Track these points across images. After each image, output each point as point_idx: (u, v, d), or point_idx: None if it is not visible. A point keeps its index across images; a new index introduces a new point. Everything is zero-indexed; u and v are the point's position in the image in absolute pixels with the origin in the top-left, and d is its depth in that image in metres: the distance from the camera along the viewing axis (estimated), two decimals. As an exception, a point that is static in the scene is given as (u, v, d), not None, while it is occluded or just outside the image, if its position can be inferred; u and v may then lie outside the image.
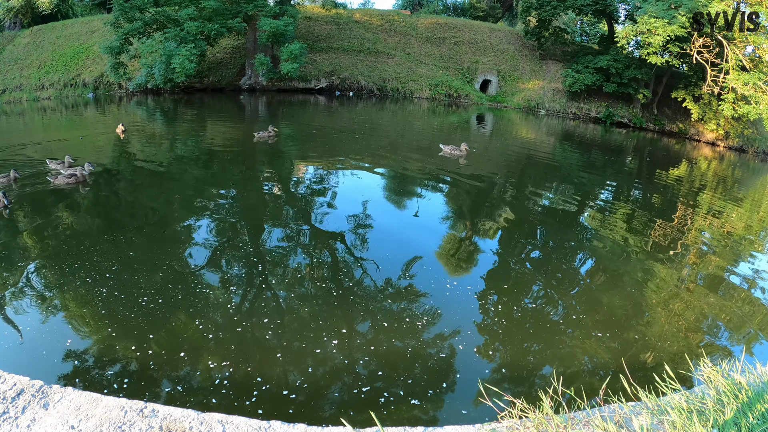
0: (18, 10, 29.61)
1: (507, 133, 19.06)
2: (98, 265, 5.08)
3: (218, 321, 4.21)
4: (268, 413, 3.15)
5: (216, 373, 3.54)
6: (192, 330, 4.03)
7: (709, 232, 8.28)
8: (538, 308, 4.91)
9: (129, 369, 3.55)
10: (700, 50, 19.38)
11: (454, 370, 3.85)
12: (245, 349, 3.85)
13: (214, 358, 3.71)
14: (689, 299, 5.47)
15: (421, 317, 4.52)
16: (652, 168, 14.33)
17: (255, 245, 6.06)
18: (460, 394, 3.58)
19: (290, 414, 3.19)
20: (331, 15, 29.60)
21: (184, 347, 3.80)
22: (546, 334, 4.38)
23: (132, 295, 4.51)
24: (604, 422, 2.26)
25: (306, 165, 10.58)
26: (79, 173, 7.99)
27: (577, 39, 36.96)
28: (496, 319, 4.63)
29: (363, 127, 16.23)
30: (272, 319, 4.30)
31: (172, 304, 4.41)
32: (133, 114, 17.93)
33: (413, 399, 3.45)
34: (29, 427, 2.23)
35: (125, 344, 3.80)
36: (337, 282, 5.13)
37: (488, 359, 4.05)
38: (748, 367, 2.70)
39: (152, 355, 3.68)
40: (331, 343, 3.99)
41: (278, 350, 3.86)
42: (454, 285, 5.23)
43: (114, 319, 4.13)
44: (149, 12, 20.51)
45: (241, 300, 4.65)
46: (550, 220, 8.12)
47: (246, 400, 3.30)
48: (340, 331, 4.20)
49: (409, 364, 3.82)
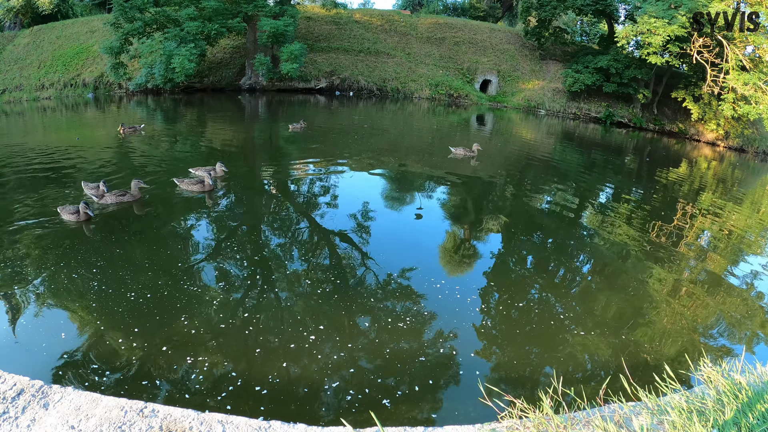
0: (18, 10, 29.63)
1: (507, 133, 19.05)
2: (97, 265, 5.08)
3: (218, 321, 4.21)
4: (268, 413, 3.15)
5: (216, 373, 3.54)
6: (192, 330, 4.03)
7: (709, 232, 8.27)
8: (539, 308, 4.91)
9: (129, 369, 3.55)
10: (700, 50, 19.37)
11: (454, 370, 3.85)
12: (245, 349, 3.85)
13: (213, 357, 3.71)
14: (689, 299, 5.47)
15: (422, 317, 4.52)
16: (652, 168, 14.33)
17: (254, 245, 6.06)
18: (460, 394, 3.58)
19: (290, 414, 3.19)
20: (331, 15, 29.60)
21: (184, 347, 3.80)
22: (546, 334, 4.38)
23: (132, 294, 4.50)
24: (604, 422, 2.26)
25: (306, 165, 10.57)
26: (205, 181, 7.70)
27: (577, 39, 36.96)
28: (497, 319, 4.63)
29: (362, 127, 16.22)
30: (272, 319, 4.30)
31: (173, 304, 4.41)
32: (132, 113, 17.93)
33: (413, 399, 3.44)
34: (29, 427, 2.23)
35: (125, 344, 3.80)
36: (337, 282, 5.13)
37: (488, 359, 4.05)
38: (748, 367, 2.70)
39: (153, 355, 3.68)
40: (332, 343, 3.99)
41: (278, 350, 3.86)
42: (454, 285, 5.23)
43: (113, 318, 4.13)
44: (149, 12, 20.51)
45: (241, 300, 4.65)
46: (550, 220, 8.13)
47: (246, 399, 3.30)
48: (340, 330, 4.19)
49: (409, 364, 3.82)
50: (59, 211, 6.37)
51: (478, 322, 4.51)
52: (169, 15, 20.73)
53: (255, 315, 4.37)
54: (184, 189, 7.80)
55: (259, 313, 4.40)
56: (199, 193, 7.71)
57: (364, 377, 3.63)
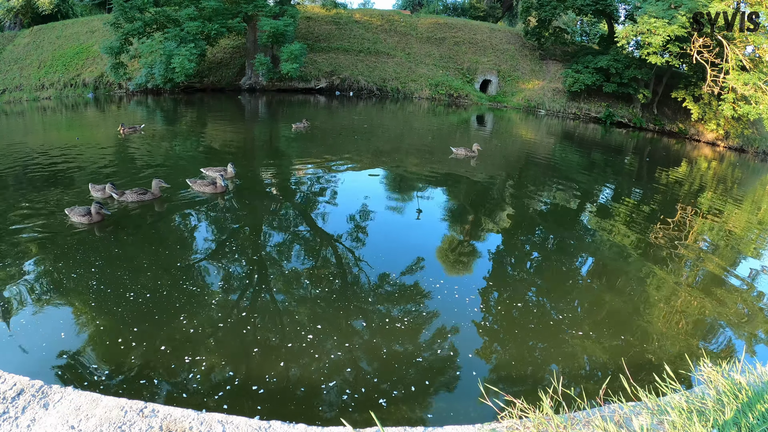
0: (18, 10, 29.64)
1: (507, 133, 19.05)
2: (94, 265, 5.08)
3: (218, 321, 4.21)
4: (268, 413, 3.15)
5: (216, 373, 3.54)
6: (191, 330, 4.03)
7: (708, 232, 8.27)
8: (538, 308, 4.91)
9: (129, 369, 3.55)
10: (700, 50, 19.38)
11: (454, 369, 3.85)
12: (245, 349, 3.85)
13: (213, 357, 3.71)
14: (689, 299, 5.46)
15: (421, 317, 4.52)
16: (652, 168, 14.33)
17: (254, 245, 6.06)
18: (460, 394, 3.57)
19: (290, 414, 3.19)
20: (331, 15, 29.60)
21: (185, 347, 3.80)
22: (546, 334, 4.37)
23: (131, 294, 4.51)
24: (604, 422, 2.26)
25: (305, 165, 10.57)
26: (217, 183, 7.61)
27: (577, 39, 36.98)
28: (496, 318, 4.63)
29: (362, 127, 16.22)
30: (272, 319, 4.30)
31: (173, 304, 4.41)
32: (132, 113, 17.93)
33: (413, 399, 3.44)
34: (29, 427, 2.23)
35: (125, 344, 3.80)
36: (336, 282, 5.13)
37: (488, 359, 4.05)
38: (748, 367, 2.70)
39: (153, 355, 3.68)
40: (331, 343, 3.99)
41: (278, 350, 3.86)
42: (454, 285, 5.23)
43: (114, 318, 4.13)
44: (149, 12, 20.51)
45: (240, 300, 4.65)
46: (550, 220, 8.13)
47: (246, 399, 3.30)
48: (340, 330, 4.19)
49: (409, 364, 3.82)
50: (68, 213, 6.29)
51: (477, 321, 4.51)
52: (169, 15, 20.74)
53: (254, 315, 4.37)
54: (197, 190, 7.75)
55: (258, 313, 4.40)
56: (210, 195, 7.63)
57: (364, 377, 3.62)
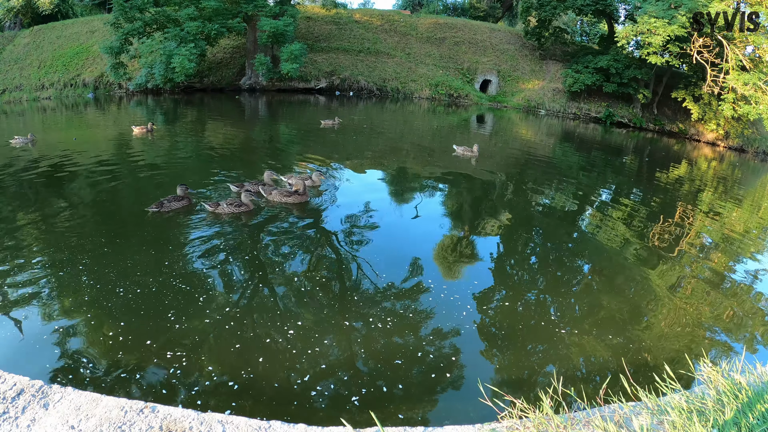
0: (18, 10, 29.66)
1: (507, 133, 19.05)
2: (93, 265, 5.08)
3: (218, 321, 4.21)
4: (268, 413, 3.15)
5: (216, 373, 3.54)
6: (191, 330, 4.03)
7: (708, 232, 8.27)
8: (538, 308, 4.91)
9: (129, 369, 3.54)
10: (700, 50, 19.38)
11: (454, 370, 3.85)
12: (245, 349, 3.85)
13: (213, 357, 3.71)
14: (689, 299, 5.46)
15: (421, 317, 4.52)
16: (652, 168, 14.33)
17: (254, 245, 6.06)
18: (460, 394, 3.57)
19: (290, 414, 3.19)
20: (331, 15, 29.61)
21: (185, 347, 3.80)
22: (546, 334, 4.37)
23: (131, 294, 4.50)
24: (604, 422, 2.26)
25: (305, 165, 10.57)
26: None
27: (577, 39, 36.99)
28: (496, 318, 4.62)
29: (362, 127, 16.23)
30: (272, 320, 4.30)
31: (172, 304, 4.41)
32: (133, 113, 17.94)
33: (413, 399, 3.44)
34: (29, 427, 2.23)
35: (125, 344, 3.79)
36: (336, 282, 5.13)
37: (488, 359, 4.05)
38: (748, 367, 2.70)
39: (153, 355, 3.68)
40: (331, 343, 3.99)
41: (278, 350, 3.86)
42: (454, 285, 5.23)
43: (114, 318, 4.13)
44: (149, 12, 20.52)
45: (240, 300, 4.65)
46: (550, 220, 8.12)
47: (246, 399, 3.30)
48: (340, 330, 4.19)
49: (409, 364, 3.82)
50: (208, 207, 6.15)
51: (478, 321, 4.51)
52: (169, 15, 20.76)
53: (254, 315, 4.37)
54: (277, 201, 6.37)
55: (258, 313, 4.40)
56: (293, 205, 6.36)
57: (364, 377, 3.62)
